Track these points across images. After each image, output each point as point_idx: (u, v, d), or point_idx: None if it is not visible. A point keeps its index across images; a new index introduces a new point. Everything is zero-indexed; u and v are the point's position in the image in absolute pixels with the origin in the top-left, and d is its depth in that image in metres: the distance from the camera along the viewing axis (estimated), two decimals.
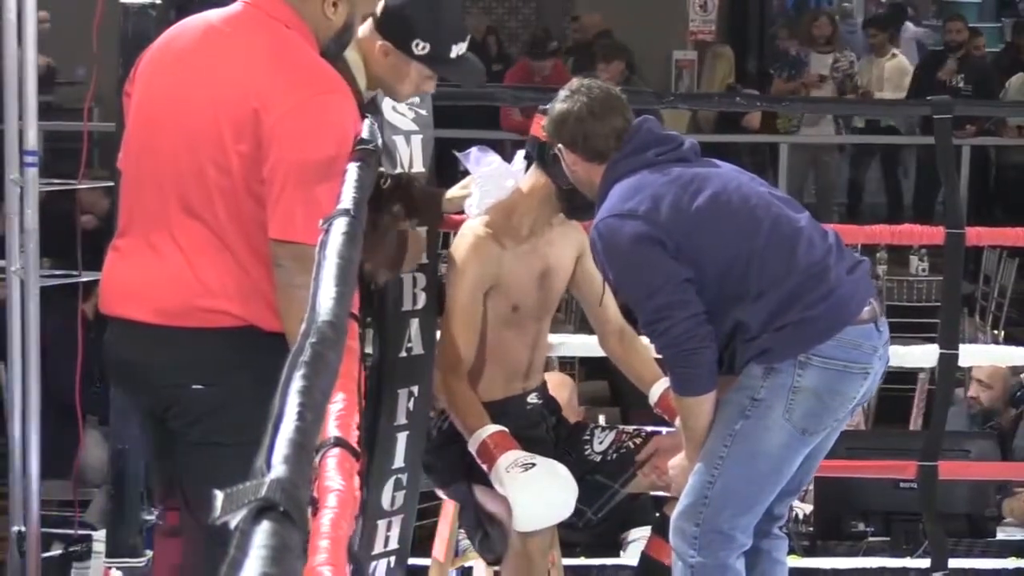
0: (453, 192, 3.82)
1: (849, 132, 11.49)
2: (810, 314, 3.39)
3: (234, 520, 1.21)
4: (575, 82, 3.64)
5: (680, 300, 3.38)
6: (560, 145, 3.58)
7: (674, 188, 3.44)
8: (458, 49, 3.43)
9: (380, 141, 3.19)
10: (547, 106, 3.72)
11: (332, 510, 1.51)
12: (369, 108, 3.41)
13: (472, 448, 3.67)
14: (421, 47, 3.38)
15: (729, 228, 3.43)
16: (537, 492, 3.62)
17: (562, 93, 3.59)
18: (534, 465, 3.62)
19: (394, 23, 3.40)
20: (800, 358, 3.40)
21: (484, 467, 3.66)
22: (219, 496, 1.22)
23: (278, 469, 1.24)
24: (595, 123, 3.52)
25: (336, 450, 1.67)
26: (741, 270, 3.41)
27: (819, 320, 3.40)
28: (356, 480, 1.70)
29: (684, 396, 3.47)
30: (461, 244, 3.75)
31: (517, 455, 3.64)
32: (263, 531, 1.18)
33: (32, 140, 4.43)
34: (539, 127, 3.68)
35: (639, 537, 5.11)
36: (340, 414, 1.78)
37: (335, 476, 1.59)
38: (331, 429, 1.75)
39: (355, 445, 1.76)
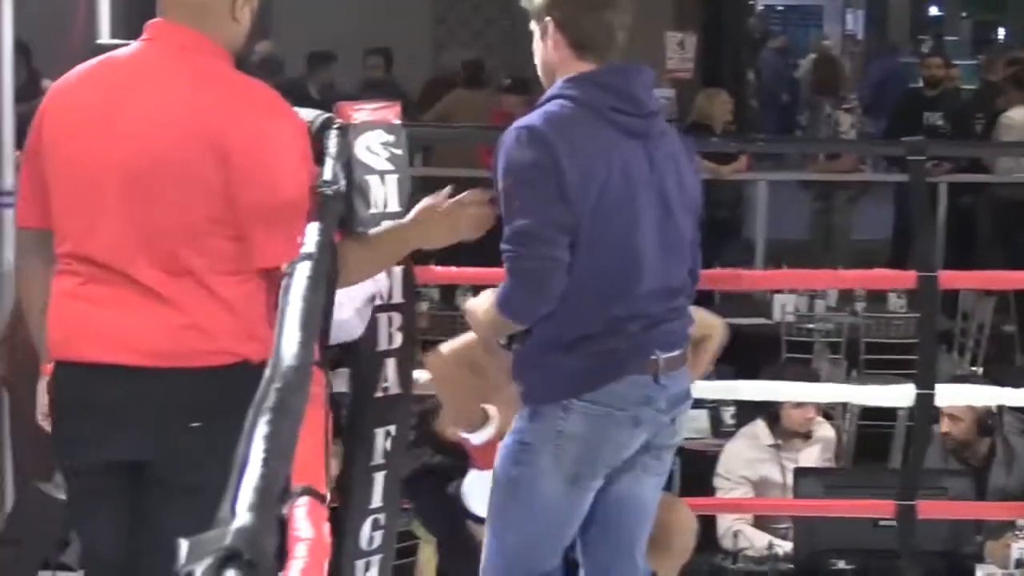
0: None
1: None
2: (583, 364, 3.36)
3: (199, 569, 1.20)
4: None
5: (550, 237, 3.30)
6: (548, 18, 3.44)
7: (592, 147, 3.34)
8: None
9: (343, 183, 3.17)
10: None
11: (303, 560, 1.50)
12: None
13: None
14: None
15: (608, 232, 3.36)
16: None
17: None
18: None
19: None
20: (563, 402, 3.38)
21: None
22: (184, 545, 1.22)
23: (243, 517, 1.23)
24: (590, 9, 3.41)
25: (305, 499, 1.66)
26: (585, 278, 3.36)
27: (591, 370, 3.38)
28: (326, 527, 1.69)
29: (500, 310, 3.40)
30: None
31: None
32: None
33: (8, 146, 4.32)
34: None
35: None
36: (308, 461, 1.77)
37: (305, 526, 1.59)
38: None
39: (323, 491, 1.76)
